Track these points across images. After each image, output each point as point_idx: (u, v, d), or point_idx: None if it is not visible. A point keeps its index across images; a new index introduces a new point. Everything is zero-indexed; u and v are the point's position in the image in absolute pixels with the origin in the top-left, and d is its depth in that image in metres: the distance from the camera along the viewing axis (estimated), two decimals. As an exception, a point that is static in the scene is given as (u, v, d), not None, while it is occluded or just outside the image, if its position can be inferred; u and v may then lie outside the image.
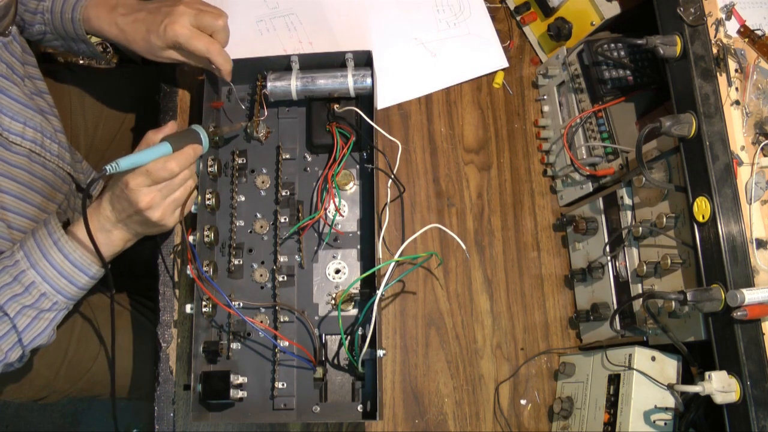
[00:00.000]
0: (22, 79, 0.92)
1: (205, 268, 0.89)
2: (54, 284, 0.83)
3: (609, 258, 0.95)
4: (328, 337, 0.92)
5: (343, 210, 0.97)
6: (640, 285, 0.90)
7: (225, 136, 0.97)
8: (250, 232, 0.96)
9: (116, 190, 0.83)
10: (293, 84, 0.96)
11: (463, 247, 1.02)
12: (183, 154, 0.84)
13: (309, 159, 0.99)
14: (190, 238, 0.88)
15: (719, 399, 0.73)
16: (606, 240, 0.96)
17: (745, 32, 0.83)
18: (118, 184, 0.82)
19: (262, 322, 0.93)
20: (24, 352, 0.85)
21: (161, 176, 0.82)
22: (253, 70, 0.98)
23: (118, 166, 0.78)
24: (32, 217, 0.91)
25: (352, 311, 0.94)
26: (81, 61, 1.43)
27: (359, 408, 0.91)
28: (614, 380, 0.88)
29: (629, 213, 0.92)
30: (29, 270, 0.82)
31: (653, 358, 0.86)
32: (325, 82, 0.96)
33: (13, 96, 0.89)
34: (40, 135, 0.92)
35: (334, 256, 0.96)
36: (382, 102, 1.08)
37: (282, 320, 0.93)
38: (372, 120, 0.96)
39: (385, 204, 1.01)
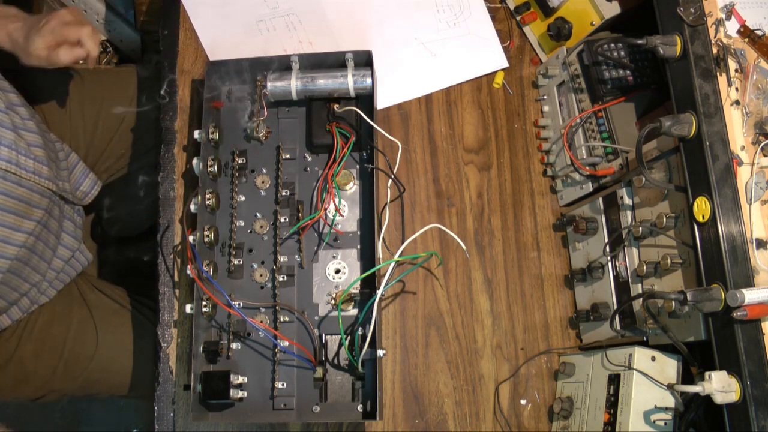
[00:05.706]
0: None
1: (205, 268, 0.89)
2: None
3: (609, 258, 0.94)
4: (328, 337, 0.92)
5: (343, 210, 0.97)
6: (640, 285, 0.90)
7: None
8: (250, 232, 0.96)
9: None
10: (293, 84, 0.96)
11: (463, 247, 1.02)
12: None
13: (309, 159, 0.99)
14: (190, 238, 0.88)
15: (719, 399, 0.73)
16: (606, 240, 0.96)
17: (745, 32, 0.83)
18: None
19: (262, 322, 0.93)
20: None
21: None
22: (253, 70, 0.98)
23: None
24: (1, 237, 0.90)
25: (352, 311, 0.94)
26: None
27: (359, 408, 0.91)
28: (614, 380, 0.88)
29: (629, 213, 0.92)
30: None
31: (653, 358, 0.86)
32: (325, 82, 0.96)
33: None
34: (14, 153, 0.90)
35: (334, 256, 0.96)
36: (382, 102, 1.08)
37: (282, 320, 0.93)
38: (372, 120, 0.96)
39: (385, 204, 1.01)
